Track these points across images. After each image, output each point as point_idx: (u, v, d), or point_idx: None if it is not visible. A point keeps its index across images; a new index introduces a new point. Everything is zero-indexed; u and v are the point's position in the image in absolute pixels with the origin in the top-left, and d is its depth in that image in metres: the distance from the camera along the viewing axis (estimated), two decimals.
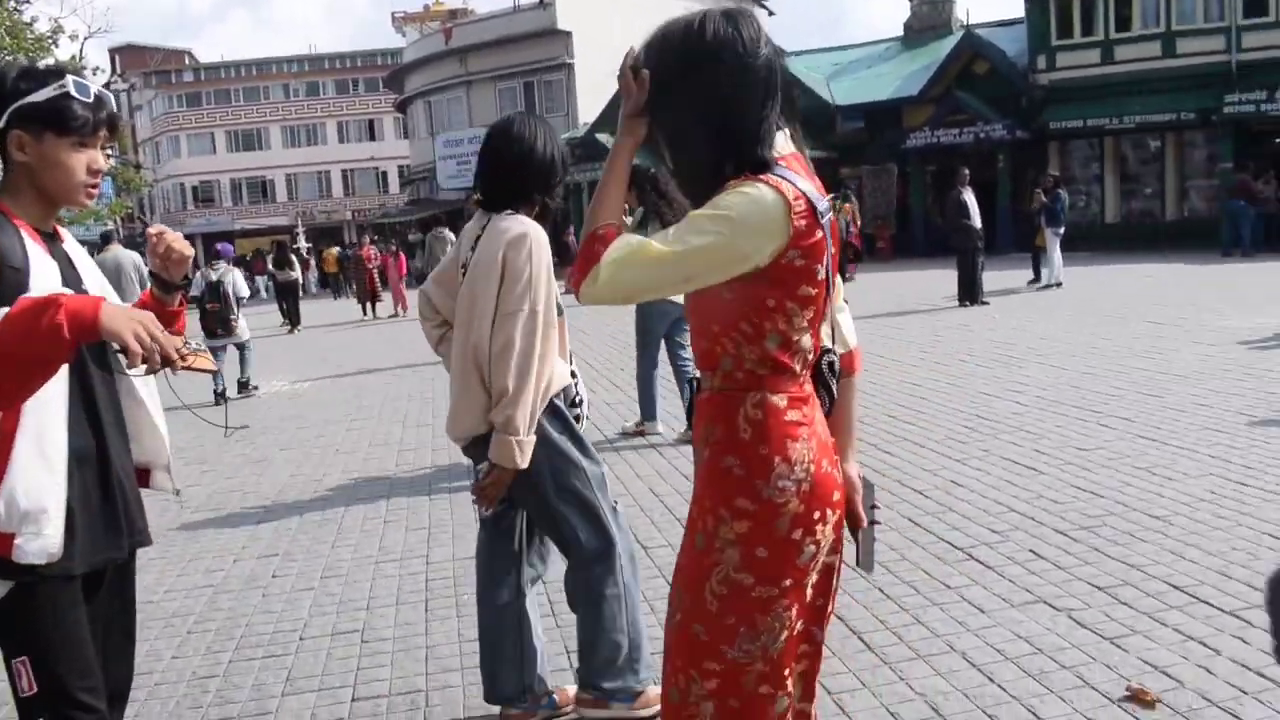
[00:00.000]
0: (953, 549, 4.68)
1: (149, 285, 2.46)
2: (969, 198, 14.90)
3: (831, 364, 2.13)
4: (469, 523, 5.77)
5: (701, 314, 2.07)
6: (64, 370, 2.15)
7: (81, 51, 32.04)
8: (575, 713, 3.40)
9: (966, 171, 15.56)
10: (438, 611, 4.47)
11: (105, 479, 2.30)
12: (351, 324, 22.54)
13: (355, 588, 4.87)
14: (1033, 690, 3.31)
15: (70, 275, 2.30)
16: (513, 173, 3.15)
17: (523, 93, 40.85)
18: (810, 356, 2.04)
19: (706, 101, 1.97)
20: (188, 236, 2.11)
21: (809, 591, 2.09)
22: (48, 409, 2.14)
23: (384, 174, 67.14)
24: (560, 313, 3.20)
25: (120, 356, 2.02)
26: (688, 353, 7.26)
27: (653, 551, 4.92)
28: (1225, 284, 15.67)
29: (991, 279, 16.28)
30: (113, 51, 70.09)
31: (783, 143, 2.03)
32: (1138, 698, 3.19)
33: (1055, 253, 16.69)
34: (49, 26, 30.77)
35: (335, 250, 38.97)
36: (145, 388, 2.42)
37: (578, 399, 3.45)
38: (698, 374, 2.13)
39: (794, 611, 2.04)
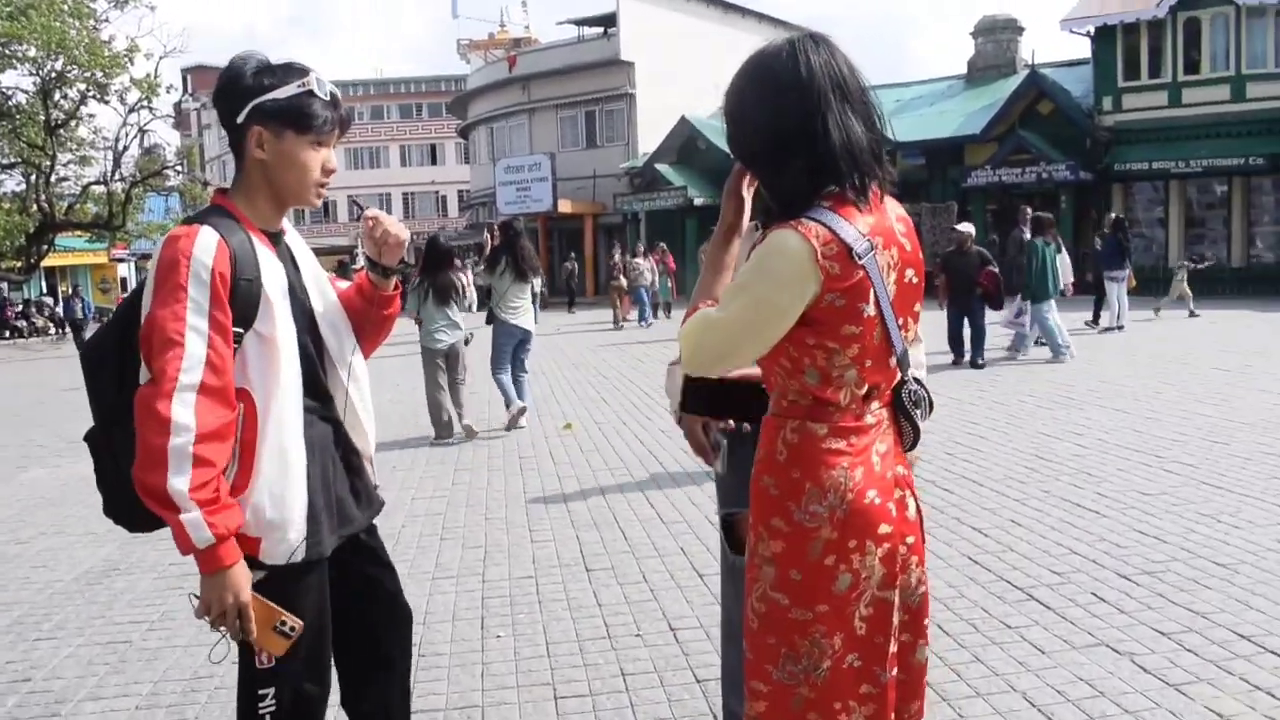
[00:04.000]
0: (1012, 588, 4.62)
1: (363, 268, 2.50)
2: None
3: (915, 395, 2.11)
4: (524, 544, 5.82)
5: None
6: (296, 371, 2.25)
7: (156, 70, 32.83)
8: None
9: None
10: (493, 629, 4.50)
11: (344, 459, 2.40)
12: (409, 343, 22.70)
13: (411, 603, 4.85)
14: None
15: (293, 275, 2.35)
16: None
17: (584, 121, 41.23)
18: (861, 390, 2.01)
19: (761, 134, 2.03)
20: None
21: (860, 625, 2.04)
22: (286, 413, 2.23)
23: (444, 198, 67.94)
24: None
25: (193, 596, 2.16)
26: (525, 371, 10.05)
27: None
28: None
29: None
30: (185, 71, 71.63)
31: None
32: None
33: (1113, 295, 16.44)
34: (125, 45, 31.48)
35: None
36: (357, 389, 2.47)
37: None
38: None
39: (836, 641, 2.01)
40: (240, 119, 2.23)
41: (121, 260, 49.74)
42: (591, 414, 10.65)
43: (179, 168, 38.82)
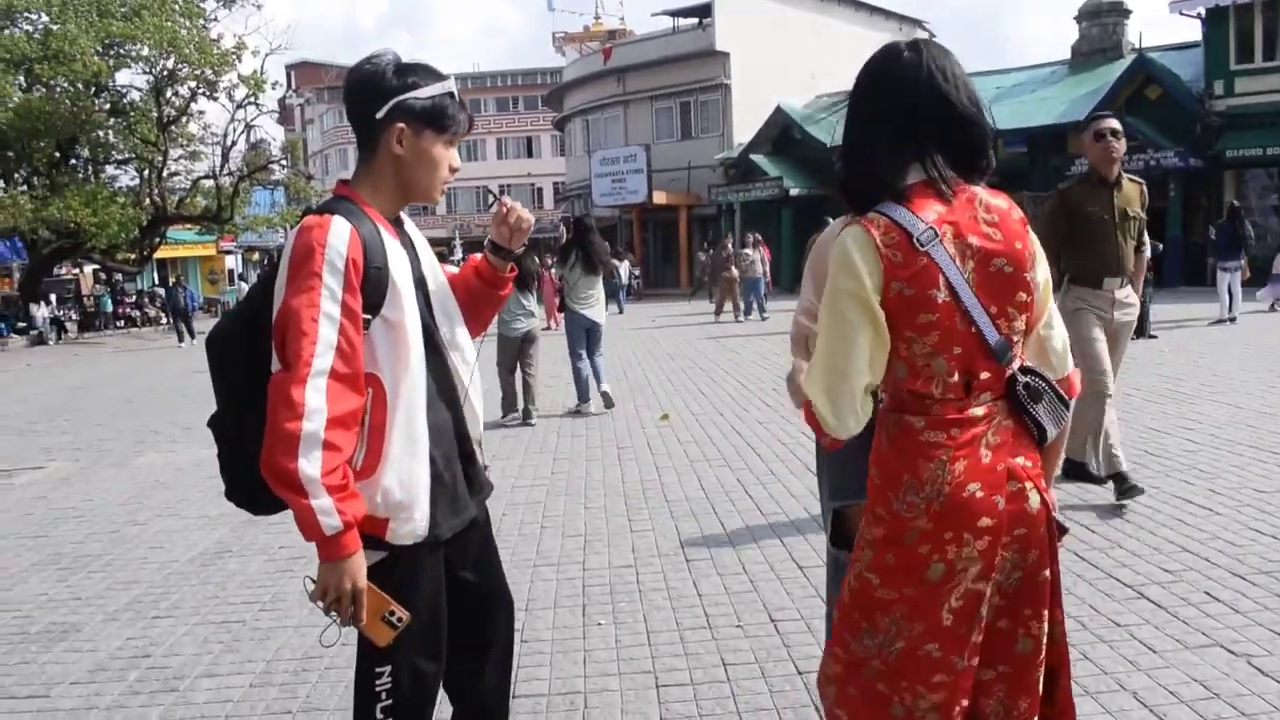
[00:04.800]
0: (1121, 585, 4.52)
1: (484, 253, 2.58)
2: None
3: (1030, 389, 2.09)
4: (623, 533, 5.86)
5: None
6: (421, 355, 2.30)
7: (262, 67, 33.71)
8: None
9: None
10: (594, 616, 4.55)
11: (460, 447, 2.45)
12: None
13: (514, 590, 4.90)
14: None
15: (414, 262, 2.40)
16: None
17: (679, 113, 41.24)
18: (953, 378, 2.02)
19: (851, 126, 2.15)
20: None
21: (946, 616, 2.06)
22: (413, 397, 2.28)
23: (539, 190, 68.55)
24: None
25: (309, 580, 2.23)
26: (600, 355, 10.61)
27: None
28: None
29: (1160, 312, 15.65)
30: (289, 68, 73.33)
31: (917, 172, 2.07)
32: None
33: (1223, 286, 15.91)
34: (233, 43, 32.37)
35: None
36: (468, 374, 2.50)
37: None
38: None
39: (916, 627, 2.06)
40: (381, 114, 2.29)
41: (229, 252, 51.27)
42: (688, 405, 10.67)
43: (283, 162, 39.82)
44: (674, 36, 41.74)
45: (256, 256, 58.00)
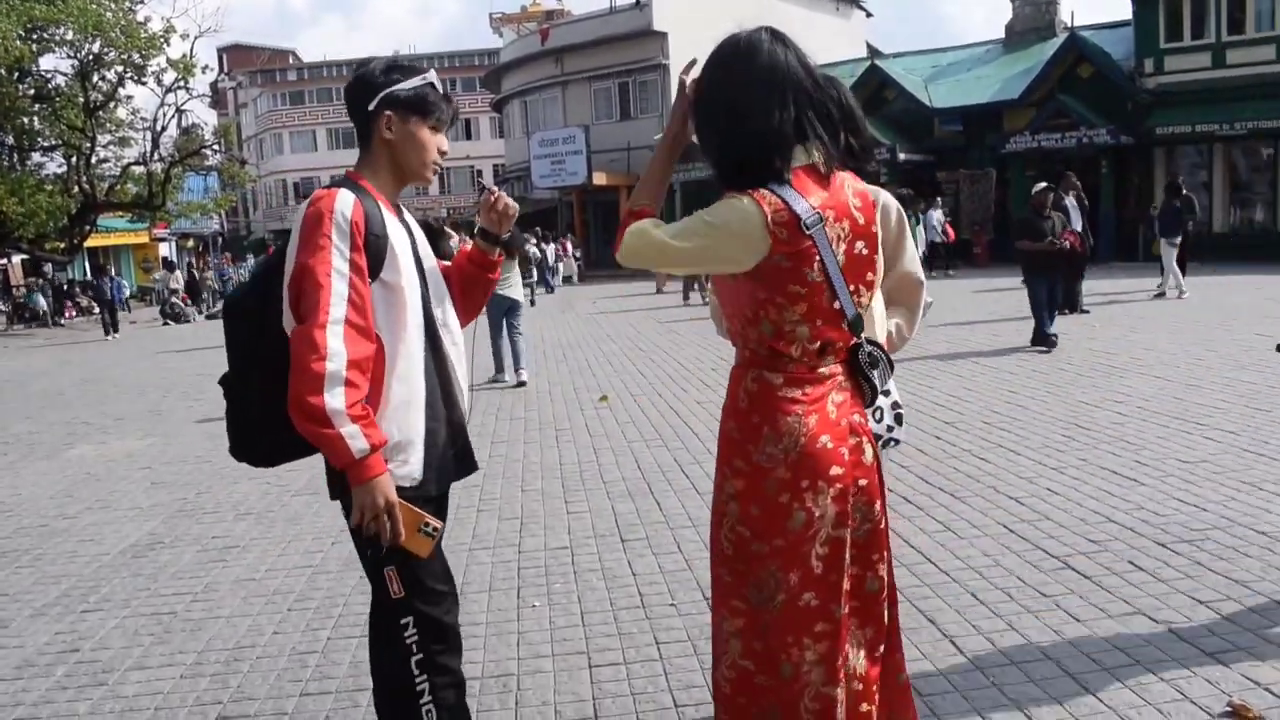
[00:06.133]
0: (1048, 557, 4.61)
1: (473, 240, 2.85)
2: (1070, 203, 14.52)
3: (871, 356, 2.28)
4: (559, 515, 5.86)
5: (722, 299, 2.37)
6: (420, 322, 2.55)
7: (192, 50, 33.00)
8: None
9: (1072, 175, 15.06)
10: (529, 598, 4.55)
11: (449, 418, 2.66)
12: None
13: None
14: (1130, 701, 3.24)
15: (413, 243, 2.65)
16: None
17: (618, 93, 41.05)
18: (814, 345, 2.21)
19: (722, 109, 2.24)
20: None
21: (816, 564, 2.21)
22: (411, 354, 2.52)
23: (479, 172, 67.91)
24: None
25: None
26: (519, 332, 11.44)
27: None
28: None
29: (1092, 288, 15.91)
30: (220, 51, 72.03)
31: (801, 155, 2.20)
32: (1239, 714, 3.11)
33: (1170, 260, 16.12)
34: (161, 26, 31.61)
35: None
36: (457, 352, 2.71)
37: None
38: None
39: (792, 577, 2.20)
40: (372, 106, 2.58)
41: (163, 239, 50.19)
42: (628, 386, 10.69)
43: (216, 147, 39.09)
44: (611, 16, 41.51)
45: (191, 244, 56.95)
